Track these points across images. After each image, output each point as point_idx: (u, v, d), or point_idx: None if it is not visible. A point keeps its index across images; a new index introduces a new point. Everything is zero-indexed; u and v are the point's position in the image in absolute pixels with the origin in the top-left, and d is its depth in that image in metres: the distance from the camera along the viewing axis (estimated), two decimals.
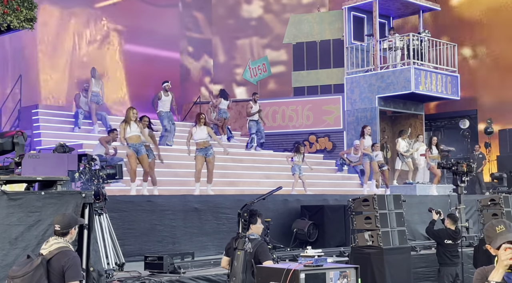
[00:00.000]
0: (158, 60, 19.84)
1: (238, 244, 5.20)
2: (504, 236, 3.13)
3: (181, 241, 9.31)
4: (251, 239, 5.31)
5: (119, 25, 19.08)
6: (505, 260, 3.04)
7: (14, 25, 8.57)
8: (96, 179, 6.94)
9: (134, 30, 19.34)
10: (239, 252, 5.14)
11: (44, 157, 5.79)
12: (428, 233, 9.29)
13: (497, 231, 3.16)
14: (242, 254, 5.14)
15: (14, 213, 5.29)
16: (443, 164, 11.84)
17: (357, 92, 16.63)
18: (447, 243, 8.86)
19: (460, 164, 11.13)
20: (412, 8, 17.65)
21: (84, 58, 17.94)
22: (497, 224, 3.22)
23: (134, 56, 19.46)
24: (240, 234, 5.24)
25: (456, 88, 16.90)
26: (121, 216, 8.64)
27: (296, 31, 18.70)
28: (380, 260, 8.10)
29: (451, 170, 11.34)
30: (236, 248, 5.20)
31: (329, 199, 11.88)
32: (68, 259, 4.31)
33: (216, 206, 9.94)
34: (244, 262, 5.12)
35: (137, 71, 18.99)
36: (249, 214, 5.39)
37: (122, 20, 19.09)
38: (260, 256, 5.24)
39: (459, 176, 11.15)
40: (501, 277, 3.06)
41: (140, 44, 19.58)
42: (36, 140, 13.03)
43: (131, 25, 19.29)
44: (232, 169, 13.49)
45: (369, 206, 8.35)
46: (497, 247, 3.12)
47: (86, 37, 18.22)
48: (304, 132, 17.29)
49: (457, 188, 11.25)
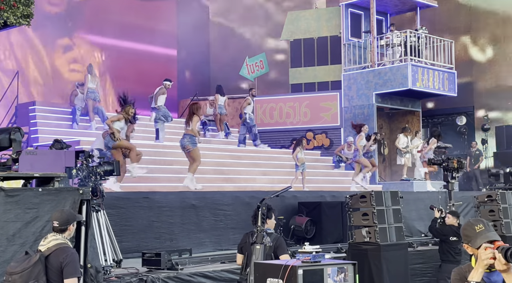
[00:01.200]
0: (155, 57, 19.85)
1: (257, 238, 5.14)
2: (484, 235, 3.13)
3: (178, 238, 9.31)
4: (268, 233, 5.37)
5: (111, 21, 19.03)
6: (485, 260, 3.04)
7: (10, 21, 8.54)
8: (93, 176, 6.92)
9: (130, 26, 19.31)
10: (258, 246, 5.10)
11: (42, 153, 5.79)
12: (432, 231, 9.18)
13: (476, 230, 3.16)
14: (261, 248, 5.10)
15: (11, 209, 5.29)
16: (434, 160, 11.65)
17: (355, 89, 16.64)
18: (452, 240, 8.72)
19: (451, 160, 10.90)
20: (409, 5, 17.65)
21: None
22: (475, 223, 3.20)
23: (131, 53, 19.45)
24: (259, 228, 5.21)
25: (454, 85, 16.92)
26: (118, 213, 8.63)
27: (293, 28, 18.68)
28: (377, 256, 8.12)
29: (442, 166, 11.12)
30: (255, 242, 5.15)
31: (326, 196, 11.89)
32: (66, 255, 4.31)
33: (214, 202, 9.94)
34: (264, 256, 5.15)
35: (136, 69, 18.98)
36: (266, 209, 5.42)
37: (116, 16, 19.05)
38: (278, 250, 5.36)
39: (450, 172, 10.91)
40: (480, 277, 3.06)
41: (137, 40, 19.58)
42: (33, 137, 13.00)
43: (127, 21, 19.26)
44: (229, 166, 13.49)
45: (367, 203, 8.36)
46: (477, 246, 3.12)
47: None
48: (302, 129, 17.29)
49: (448, 184, 10.99)
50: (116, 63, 19.29)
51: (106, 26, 18.86)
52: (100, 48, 19.19)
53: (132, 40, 19.65)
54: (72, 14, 18.44)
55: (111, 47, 19.27)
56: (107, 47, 19.22)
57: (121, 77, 18.76)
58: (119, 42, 19.44)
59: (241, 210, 10.09)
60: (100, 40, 19.10)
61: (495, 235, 3.17)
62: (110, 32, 19.02)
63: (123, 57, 19.19)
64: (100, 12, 18.70)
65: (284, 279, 4.34)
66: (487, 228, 3.17)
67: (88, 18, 18.67)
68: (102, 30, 18.82)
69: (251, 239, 5.37)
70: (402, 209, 8.80)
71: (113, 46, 19.28)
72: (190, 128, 10.75)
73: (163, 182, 11.51)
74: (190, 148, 10.74)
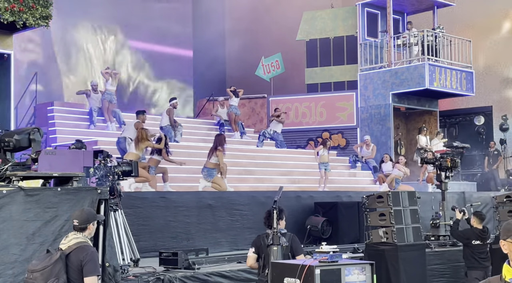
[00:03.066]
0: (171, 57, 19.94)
1: (273, 240, 5.24)
2: None
3: (195, 237, 9.35)
4: (283, 234, 5.45)
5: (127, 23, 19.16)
6: None
7: (29, 22, 8.65)
8: (111, 175, 6.98)
9: (148, 27, 19.43)
10: (276, 247, 5.19)
11: (60, 153, 5.84)
12: (453, 235, 8.79)
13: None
14: (278, 249, 5.19)
15: (31, 208, 5.35)
16: (427, 159, 11.13)
17: (371, 89, 16.56)
18: (475, 244, 8.35)
19: (444, 159, 10.43)
20: (426, 4, 17.52)
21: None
22: None
23: (147, 54, 19.56)
24: (274, 229, 5.31)
25: (471, 85, 16.77)
26: (135, 212, 8.70)
27: (309, 28, 18.65)
28: (394, 257, 8.06)
29: (435, 165, 10.65)
30: (272, 243, 5.23)
31: (342, 196, 11.85)
32: (86, 254, 4.35)
33: (230, 202, 9.96)
34: (282, 257, 5.22)
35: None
36: (278, 210, 5.51)
37: (132, 18, 19.18)
38: (294, 249, 5.43)
39: (444, 172, 10.42)
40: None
41: (152, 41, 19.69)
42: (51, 137, 13.14)
43: (144, 23, 19.39)
44: (245, 166, 13.51)
45: (384, 203, 8.31)
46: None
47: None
48: (318, 129, 17.25)
49: (441, 184, 10.54)
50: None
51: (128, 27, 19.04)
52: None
53: (149, 41, 19.77)
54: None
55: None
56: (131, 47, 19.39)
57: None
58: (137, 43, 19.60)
59: (257, 210, 10.08)
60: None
61: None
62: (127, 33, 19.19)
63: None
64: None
65: (301, 278, 4.34)
66: None
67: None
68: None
69: (266, 241, 5.44)
70: (420, 209, 8.71)
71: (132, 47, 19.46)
72: (212, 162, 10.86)
73: (179, 182, 11.56)
74: (209, 180, 10.88)
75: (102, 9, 18.16)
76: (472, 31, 18.31)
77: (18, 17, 7.68)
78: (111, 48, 19.09)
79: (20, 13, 7.87)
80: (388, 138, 16.22)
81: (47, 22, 8.17)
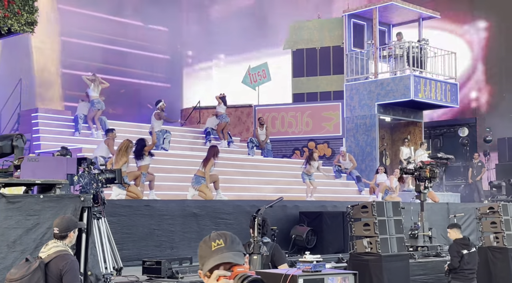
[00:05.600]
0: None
1: (253, 249, 5.16)
2: (219, 256, 2.10)
3: (179, 246, 9.29)
4: (264, 243, 5.38)
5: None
6: None
7: (15, 28, 8.59)
8: (95, 183, 6.92)
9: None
10: (256, 257, 5.11)
11: (43, 160, 5.80)
12: (455, 267, 8.14)
13: (212, 247, 2.13)
14: (258, 258, 5.11)
15: (12, 216, 5.29)
16: (406, 170, 11.14)
17: (357, 99, 16.65)
18: (465, 253, 8.06)
19: (423, 169, 10.44)
20: (412, 16, 17.70)
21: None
22: (216, 237, 2.15)
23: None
24: (255, 238, 5.22)
25: (456, 96, 16.93)
26: (119, 220, 8.63)
27: (296, 38, 18.73)
28: (378, 267, 8.08)
29: (414, 176, 10.64)
30: (252, 252, 5.15)
31: (327, 206, 11.86)
32: (66, 263, 4.30)
33: (215, 211, 9.93)
34: (262, 266, 5.16)
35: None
36: (262, 219, 5.42)
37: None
38: (275, 259, 5.33)
39: (423, 182, 10.40)
40: None
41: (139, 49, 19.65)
42: (35, 144, 13.02)
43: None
44: (232, 175, 13.48)
45: (368, 213, 8.34)
46: (209, 270, 2.10)
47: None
48: (304, 139, 17.29)
49: (420, 194, 10.52)
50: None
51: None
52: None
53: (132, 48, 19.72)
54: None
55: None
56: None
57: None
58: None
59: (242, 218, 10.06)
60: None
61: (239, 257, 2.12)
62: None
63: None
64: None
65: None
66: (229, 245, 2.13)
67: None
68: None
69: (247, 249, 5.35)
70: (404, 219, 8.73)
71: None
72: (202, 170, 10.83)
73: (165, 190, 11.50)
74: (196, 187, 10.88)
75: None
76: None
77: (3, 23, 7.62)
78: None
79: (5, 19, 7.81)
80: (373, 148, 16.31)
81: (32, 28, 8.12)
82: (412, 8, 17.12)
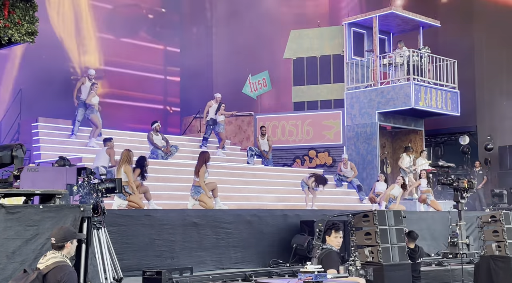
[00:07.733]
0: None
1: (312, 252, 5.85)
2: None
3: (179, 256, 9.24)
4: (323, 248, 5.95)
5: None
6: None
7: (15, 38, 8.57)
8: (95, 193, 6.89)
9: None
10: (313, 260, 5.72)
11: (43, 170, 5.77)
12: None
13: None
14: (314, 261, 5.73)
15: (12, 226, 5.26)
16: (443, 180, 11.65)
17: (357, 108, 16.64)
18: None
19: (461, 180, 11.07)
20: (412, 25, 17.73)
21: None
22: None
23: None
24: (315, 243, 5.93)
25: (456, 104, 16.93)
26: (119, 230, 8.58)
27: (296, 47, 18.76)
28: (380, 276, 8.02)
29: (452, 186, 11.24)
30: (311, 256, 5.82)
31: (328, 214, 11.79)
32: (64, 274, 4.26)
33: (215, 220, 9.88)
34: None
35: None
36: (325, 227, 6.03)
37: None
38: (324, 263, 5.69)
39: (460, 192, 11.04)
40: None
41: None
42: (35, 153, 12.99)
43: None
44: (232, 183, 13.45)
45: (369, 222, 8.29)
46: None
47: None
48: (304, 147, 17.27)
49: (458, 204, 11.15)
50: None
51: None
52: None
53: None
54: None
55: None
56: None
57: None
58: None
59: (243, 228, 10.02)
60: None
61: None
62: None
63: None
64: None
65: None
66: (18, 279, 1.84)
67: None
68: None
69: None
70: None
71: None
72: (198, 180, 10.79)
73: (165, 199, 11.47)
74: (196, 197, 10.83)
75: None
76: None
77: (3, 33, 7.60)
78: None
79: (6, 29, 7.81)
80: (374, 157, 16.28)
81: (33, 38, 8.09)
82: (412, 17, 17.16)
